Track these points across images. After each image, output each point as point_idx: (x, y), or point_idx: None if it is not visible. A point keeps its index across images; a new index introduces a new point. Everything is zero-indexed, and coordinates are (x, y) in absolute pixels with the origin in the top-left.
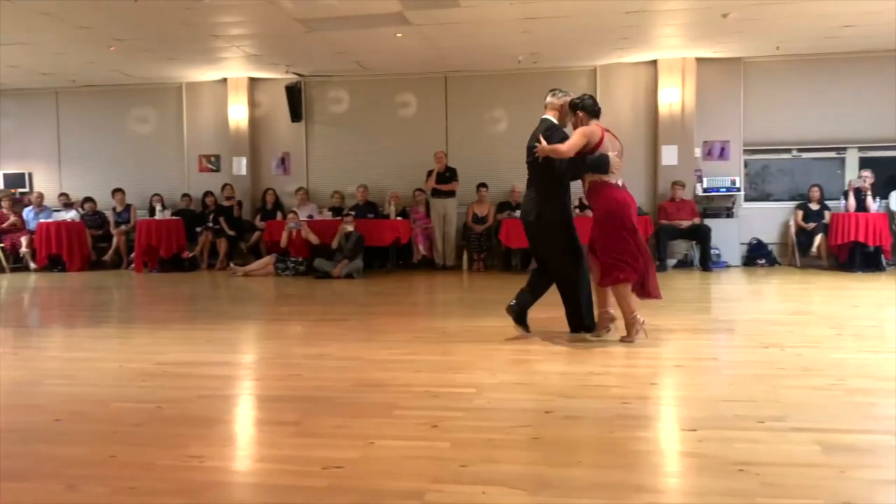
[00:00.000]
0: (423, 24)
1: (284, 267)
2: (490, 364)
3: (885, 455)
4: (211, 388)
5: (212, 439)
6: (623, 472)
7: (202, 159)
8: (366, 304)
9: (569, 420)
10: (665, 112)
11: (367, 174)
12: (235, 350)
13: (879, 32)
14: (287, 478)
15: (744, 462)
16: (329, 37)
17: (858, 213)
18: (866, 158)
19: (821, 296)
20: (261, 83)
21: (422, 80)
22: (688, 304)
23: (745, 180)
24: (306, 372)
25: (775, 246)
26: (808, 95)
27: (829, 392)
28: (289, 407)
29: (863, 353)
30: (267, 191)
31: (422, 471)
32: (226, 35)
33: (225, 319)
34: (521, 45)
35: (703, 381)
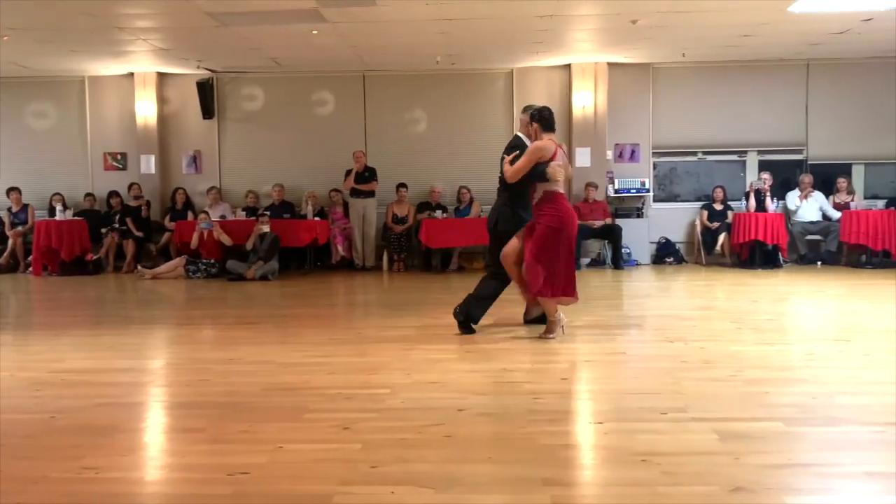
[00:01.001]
0: (339, 21)
1: (195, 269)
2: (405, 364)
3: (776, 441)
4: (111, 396)
5: (109, 449)
6: (531, 466)
7: (107, 157)
8: (281, 306)
9: (481, 417)
10: (579, 115)
11: (283, 173)
12: (141, 356)
13: (775, 42)
14: (190, 486)
15: (646, 452)
16: (242, 32)
17: (758, 213)
18: (765, 161)
19: (723, 292)
20: (170, 78)
21: (339, 79)
22: (600, 301)
23: (654, 182)
24: (215, 377)
25: (682, 245)
26: (712, 100)
27: (728, 383)
28: (195, 413)
29: (760, 345)
30: (177, 190)
31: (331, 473)
32: (131, 28)
33: (131, 324)
34: (439, 45)
35: (611, 375)
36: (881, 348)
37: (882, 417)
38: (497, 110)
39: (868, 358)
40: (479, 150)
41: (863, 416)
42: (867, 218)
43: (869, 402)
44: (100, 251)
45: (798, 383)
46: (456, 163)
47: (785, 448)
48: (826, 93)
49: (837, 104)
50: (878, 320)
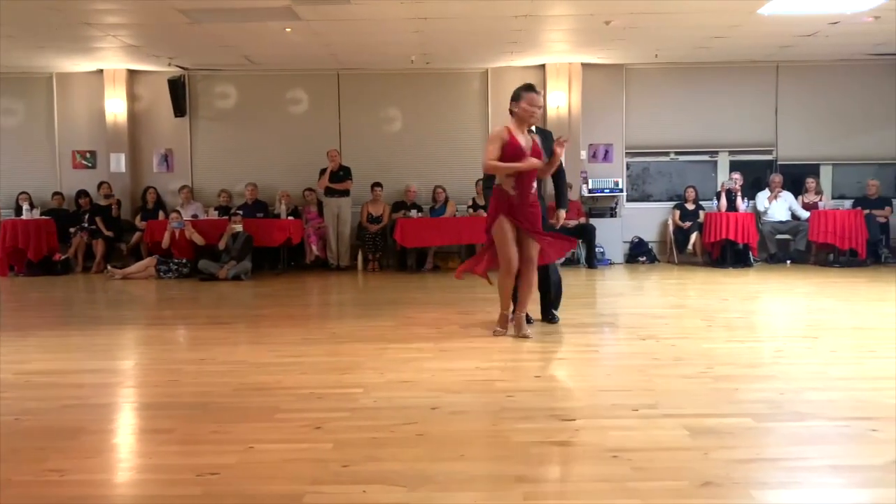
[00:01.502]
0: (312, 19)
1: (167, 269)
2: (379, 364)
3: (744, 436)
4: (79, 398)
5: (75, 451)
6: (503, 463)
7: (76, 155)
8: (253, 306)
9: (454, 415)
10: (553, 115)
11: (256, 172)
12: (110, 357)
13: (745, 44)
14: (157, 487)
15: (617, 449)
16: (214, 29)
17: (729, 213)
18: (736, 161)
19: (695, 290)
20: (141, 76)
21: (313, 77)
22: (574, 300)
23: (627, 182)
24: (185, 378)
25: (655, 244)
26: (684, 101)
27: (698, 380)
28: (164, 414)
29: (730, 342)
30: (148, 189)
31: (301, 473)
32: (100, 23)
33: (100, 325)
34: (414, 45)
35: (584, 372)
36: (847, 345)
37: (847, 412)
38: (472, 110)
39: (835, 354)
40: (454, 149)
41: (829, 411)
42: (835, 218)
43: (835, 397)
44: (68, 251)
45: (767, 379)
46: (431, 162)
47: (753, 443)
48: (795, 95)
49: (806, 106)
50: (844, 318)
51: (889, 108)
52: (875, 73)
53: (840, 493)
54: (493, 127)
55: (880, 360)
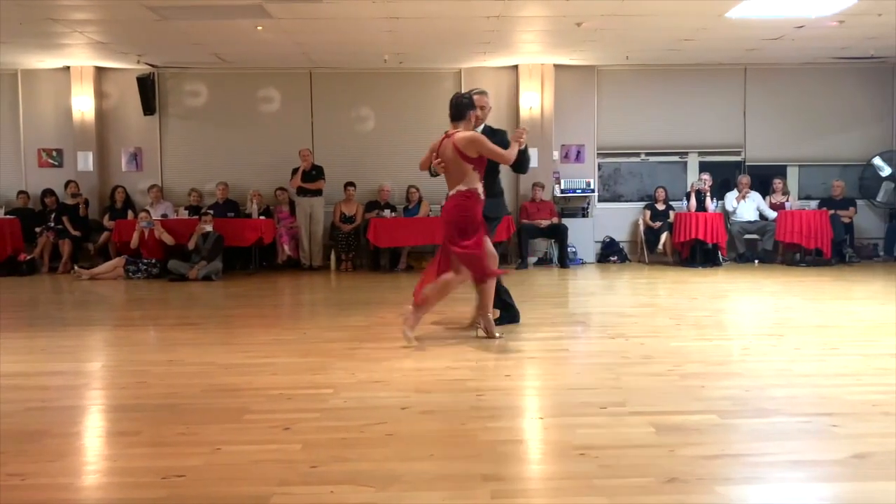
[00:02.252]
0: (284, 17)
1: (136, 269)
2: (350, 364)
3: (709, 432)
4: (43, 400)
5: (37, 455)
6: (472, 462)
7: (41, 153)
8: (224, 307)
9: (424, 415)
10: (526, 116)
11: (227, 172)
12: (76, 358)
13: (713, 47)
14: (121, 490)
15: (584, 446)
16: (184, 26)
17: (699, 213)
18: (705, 162)
19: (665, 289)
20: (109, 73)
21: (285, 76)
22: (546, 300)
23: (599, 182)
24: (153, 379)
25: (626, 244)
26: (654, 103)
27: (666, 377)
28: (130, 416)
29: (698, 340)
30: (116, 188)
31: (269, 474)
32: (66, 19)
33: (66, 326)
34: (386, 44)
35: (553, 371)
36: (811, 343)
37: (810, 408)
38: (445, 110)
39: (799, 352)
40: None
41: (792, 407)
42: (801, 218)
43: (798, 393)
44: (34, 251)
45: (733, 377)
46: (404, 162)
47: (718, 439)
48: (762, 97)
49: (773, 108)
50: (809, 316)
51: (853, 111)
52: (840, 76)
53: (801, 488)
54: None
55: (842, 358)
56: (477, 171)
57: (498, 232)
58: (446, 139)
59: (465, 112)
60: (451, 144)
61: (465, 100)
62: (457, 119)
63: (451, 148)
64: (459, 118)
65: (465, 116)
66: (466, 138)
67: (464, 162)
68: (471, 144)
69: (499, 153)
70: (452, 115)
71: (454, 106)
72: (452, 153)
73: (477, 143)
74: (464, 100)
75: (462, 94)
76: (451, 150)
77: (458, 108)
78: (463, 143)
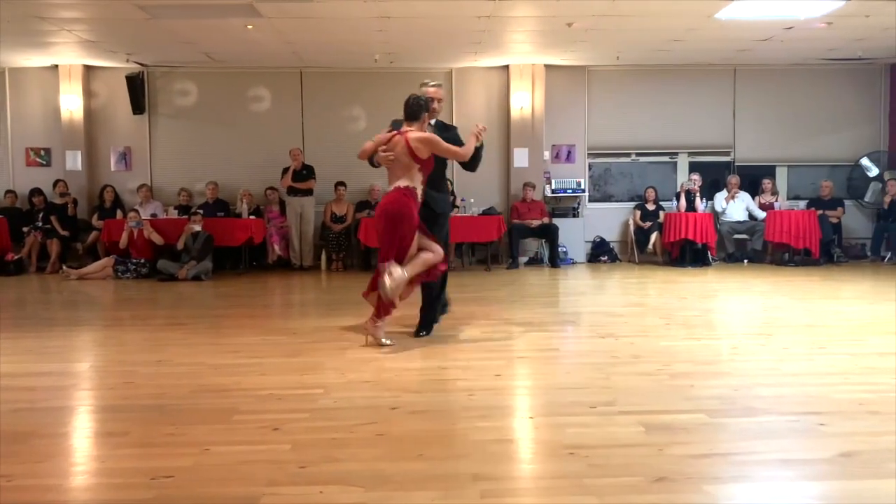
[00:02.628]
0: (275, 17)
1: (125, 269)
2: (340, 364)
3: (698, 432)
4: (29, 401)
5: (24, 456)
6: (462, 462)
7: (29, 152)
8: (213, 307)
9: (414, 415)
10: (517, 116)
11: (217, 171)
12: (64, 359)
13: (703, 48)
14: (109, 492)
15: (574, 445)
16: (174, 25)
17: (688, 213)
18: (694, 163)
19: (654, 289)
20: (98, 72)
21: (276, 75)
22: (536, 299)
23: (589, 182)
24: (141, 380)
25: (616, 244)
26: (644, 103)
27: (655, 377)
28: (118, 417)
29: (688, 340)
30: (105, 188)
31: (258, 475)
32: (55, 18)
33: (54, 326)
34: (377, 44)
35: (544, 371)
36: (799, 342)
37: (797, 407)
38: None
39: (787, 351)
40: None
41: (780, 406)
42: (790, 218)
43: (786, 392)
44: (21, 251)
45: (721, 376)
46: None
47: (707, 438)
48: (752, 97)
49: (762, 109)
50: (798, 315)
51: (842, 112)
52: (828, 77)
53: (789, 486)
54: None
55: (830, 357)
56: (421, 173)
57: (489, 231)
58: (399, 135)
59: (420, 114)
60: (403, 141)
61: (421, 102)
62: (412, 119)
63: (404, 145)
64: (415, 119)
65: (419, 118)
66: (422, 139)
67: (412, 160)
68: (425, 145)
69: (454, 151)
70: (408, 115)
71: (411, 107)
72: (404, 150)
73: (432, 144)
74: (420, 102)
75: (419, 97)
76: (404, 146)
77: (414, 109)
78: (417, 142)
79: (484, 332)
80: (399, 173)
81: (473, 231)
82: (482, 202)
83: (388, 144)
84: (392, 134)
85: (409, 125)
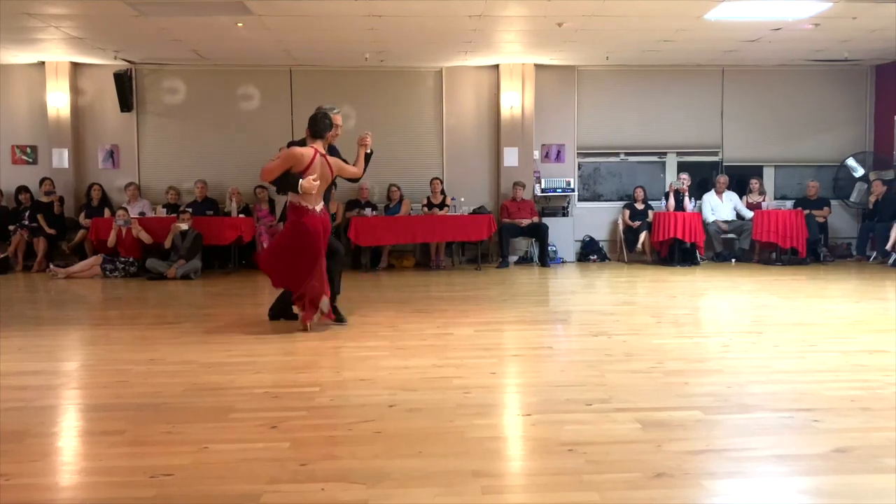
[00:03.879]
0: (264, 14)
1: (113, 268)
2: (334, 362)
3: (694, 428)
4: (21, 400)
5: (20, 455)
6: (461, 458)
7: (15, 150)
8: (203, 305)
9: (411, 412)
10: (507, 115)
11: (206, 170)
12: (53, 358)
13: (692, 48)
14: (109, 490)
15: (572, 442)
16: (162, 22)
17: (677, 213)
18: (683, 163)
19: (644, 288)
20: (85, 69)
21: (265, 73)
22: (527, 298)
23: (579, 182)
24: (134, 378)
25: (605, 243)
26: (633, 103)
27: (649, 374)
28: (113, 416)
29: (679, 338)
30: (93, 186)
31: (258, 472)
32: (42, 14)
33: (42, 325)
34: (368, 42)
35: (538, 368)
36: (789, 340)
37: (790, 404)
38: (426, 109)
39: (777, 349)
40: (408, 148)
41: (772, 403)
42: (777, 217)
43: (778, 389)
44: (7, 249)
45: (714, 374)
46: (385, 160)
47: (702, 435)
48: (740, 98)
49: (750, 109)
50: (786, 314)
51: (828, 113)
52: (815, 78)
53: (785, 482)
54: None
55: (820, 355)
56: None
57: (479, 230)
58: (320, 156)
59: (325, 133)
60: (326, 163)
61: (327, 121)
62: (317, 136)
63: (328, 168)
64: (320, 136)
65: (324, 136)
66: (338, 164)
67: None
68: (338, 170)
69: (355, 172)
70: (316, 131)
71: (317, 124)
72: (328, 173)
73: (341, 169)
74: (326, 121)
75: (325, 115)
76: (328, 169)
77: (319, 127)
78: (336, 166)
79: (477, 331)
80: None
81: (463, 230)
82: (472, 201)
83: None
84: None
85: (314, 142)
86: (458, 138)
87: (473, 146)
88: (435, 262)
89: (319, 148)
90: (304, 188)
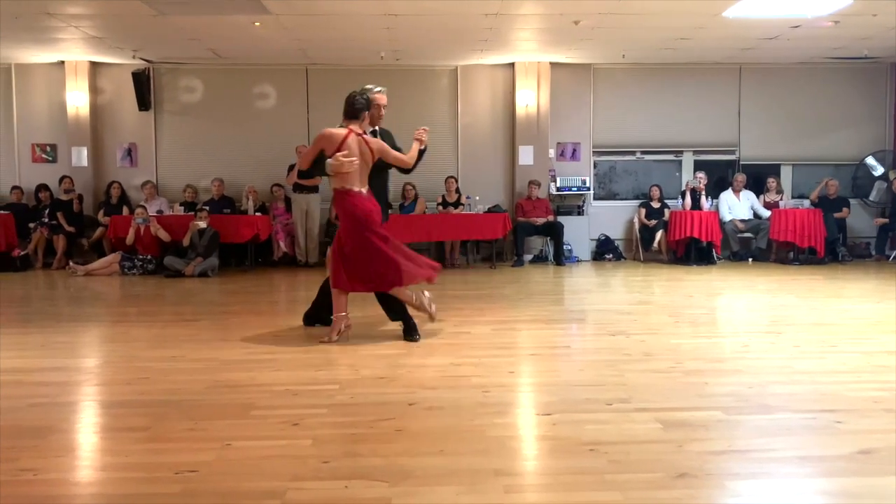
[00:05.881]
0: (282, 13)
1: (131, 265)
2: (353, 360)
3: (716, 428)
4: (45, 396)
5: (47, 450)
6: (482, 457)
7: (35, 149)
8: (221, 303)
9: (431, 411)
10: (522, 114)
11: (222, 168)
12: (75, 354)
13: (709, 46)
14: (135, 486)
15: (593, 442)
16: (180, 22)
17: (693, 212)
18: (700, 161)
19: (661, 287)
20: (104, 68)
21: (282, 72)
22: (543, 297)
23: (594, 180)
24: (155, 375)
25: (621, 241)
26: (650, 102)
27: (668, 374)
28: (136, 412)
29: (697, 338)
30: (111, 184)
31: (282, 469)
32: (62, 14)
33: (63, 322)
34: (384, 41)
35: (556, 367)
36: (809, 340)
37: (812, 405)
38: (441, 107)
39: (798, 349)
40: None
41: (794, 403)
42: (794, 216)
43: (799, 390)
44: (28, 246)
45: (734, 374)
46: None
47: (724, 435)
48: (757, 96)
49: (768, 107)
50: (805, 314)
51: (847, 111)
52: (834, 76)
53: (808, 483)
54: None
55: (841, 355)
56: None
57: (494, 229)
58: (355, 135)
59: (360, 112)
60: (363, 142)
61: (361, 100)
62: (352, 117)
63: (367, 148)
64: (354, 117)
65: (359, 116)
66: (380, 146)
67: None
68: (380, 153)
69: (402, 159)
70: (348, 112)
71: (350, 104)
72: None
73: (384, 152)
74: (361, 99)
75: (360, 94)
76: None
77: (354, 107)
78: (376, 147)
79: (493, 330)
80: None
81: (478, 229)
82: (487, 200)
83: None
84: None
85: (349, 124)
86: (473, 137)
87: (488, 144)
88: (449, 260)
89: (355, 128)
90: (332, 166)
